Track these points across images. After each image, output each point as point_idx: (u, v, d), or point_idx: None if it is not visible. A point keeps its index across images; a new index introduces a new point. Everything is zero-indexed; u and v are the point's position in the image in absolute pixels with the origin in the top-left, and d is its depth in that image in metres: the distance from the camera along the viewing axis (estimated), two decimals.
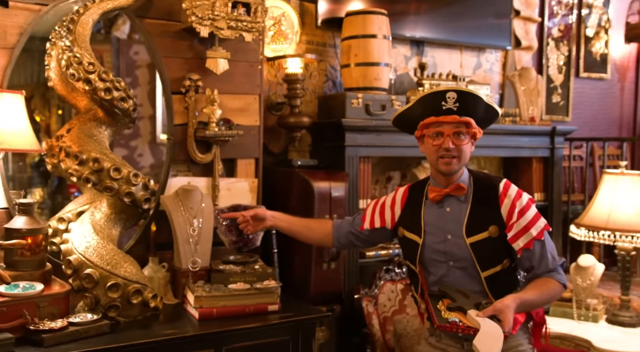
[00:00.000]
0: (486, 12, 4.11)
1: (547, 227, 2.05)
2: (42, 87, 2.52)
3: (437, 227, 2.11)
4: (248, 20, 2.73)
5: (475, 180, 2.12)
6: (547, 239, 2.06)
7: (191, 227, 2.61)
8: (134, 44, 2.80)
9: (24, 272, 2.18)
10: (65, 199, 2.70)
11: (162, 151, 2.84)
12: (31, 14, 2.44)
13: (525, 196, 2.06)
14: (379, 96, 3.32)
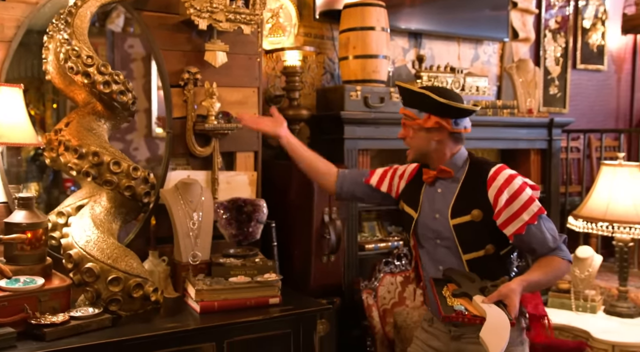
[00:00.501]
0: (483, 3, 4.11)
1: (541, 210, 2.02)
2: (36, 80, 2.50)
3: (429, 205, 2.17)
4: (247, 13, 2.72)
5: (471, 163, 2.15)
6: (544, 221, 2.04)
7: (191, 220, 2.61)
8: (128, 37, 2.78)
9: (25, 267, 2.17)
10: (61, 193, 2.69)
11: (157, 145, 2.83)
12: (28, 7, 2.42)
13: (518, 180, 2.04)
14: (377, 88, 3.31)
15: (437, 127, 2.09)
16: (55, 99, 2.66)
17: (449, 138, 2.12)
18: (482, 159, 2.22)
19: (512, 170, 2.09)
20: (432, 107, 2.07)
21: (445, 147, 2.12)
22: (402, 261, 3.33)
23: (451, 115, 2.08)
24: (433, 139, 2.11)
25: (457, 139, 2.14)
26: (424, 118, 2.09)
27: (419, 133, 2.12)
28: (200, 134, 2.82)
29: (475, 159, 2.19)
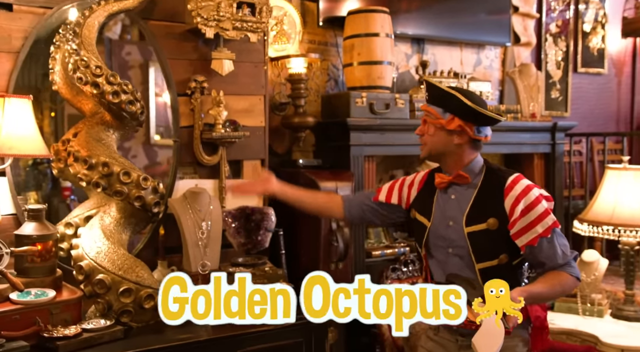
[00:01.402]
0: (485, 8, 4.12)
1: (555, 224, 2.01)
2: (33, 89, 2.46)
3: (443, 212, 2.13)
4: (253, 21, 2.72)
5: (487, 171, 2.11)
6: (557, 235, 2.02)
7: (200, 230, 2.60)
8: (126, 45, 2.78)
9: (35, 279, 2.16)
10: (60, 202, 2.67)
11: (156, 152, 2.83)
12: (36, 18, 2.41)
13: (535, 192, 2.02)
14: (382, 95, 3.31)
15: (459, 130, 2.03)
16: (53, 107, 2.64)
17: (468, 144, 2.06)
18: (498, 167, 2.17)
19: (529, 181, 2.06)
20: (459, 109, 2.01)
21: (463, 152, 2.07)
22: (409, 268, 3.32)
23: (475, 122, 2.04)
24: (452, 142, 2.05)
25: (475, 146, 2.09)
26: (448, 119, 2.03)
27: (440, 132, 2.05)
28: (207, 143, 2.81)
29: (492, 166, 2.15)
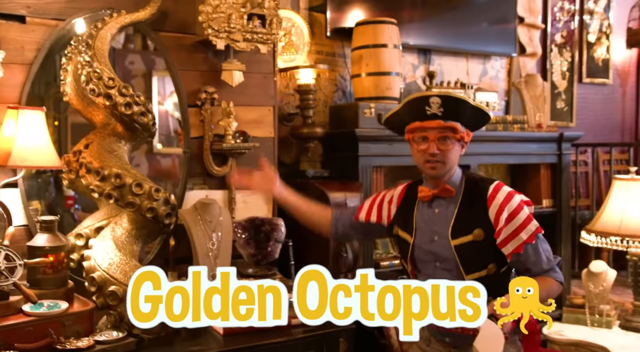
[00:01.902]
0: (491, 19, 4.14)
1: (538, 230, 1.99)
2: (36, 98, 2.46)
3: (426, 227, 2.09)
4: (263, 32, 2.73)
5: (467, 181, 2.08)
6: (541, 241, 2.01)
7: (210, 241, 2.60)
8: (129, 54, 2.79)
9: (48, 291, 2.15)
10: (64, 212, 2.67)
11: (158, 161, 2.83)
12: (48, 30, 2.42)
13: (517, 198, 2.01)
14: (391, 105, 3.32)
15: (467, 140, 2.06)
16: (57, 116, 2.65)
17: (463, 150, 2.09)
18: (476, 176, 2.15)
19: (509, 188, 2.04)
20: (473, 121, 2.03)
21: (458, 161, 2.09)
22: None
23: (476, 128, 2.07)
24: (459, 153, 2.06)
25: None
26: (466, 131, 2.04)
27: (455, 148, 2.03)
28: (217, 154, 2.82)
29: (469, 175, 2.12)
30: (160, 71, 2.79)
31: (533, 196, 4.11)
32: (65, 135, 2.68)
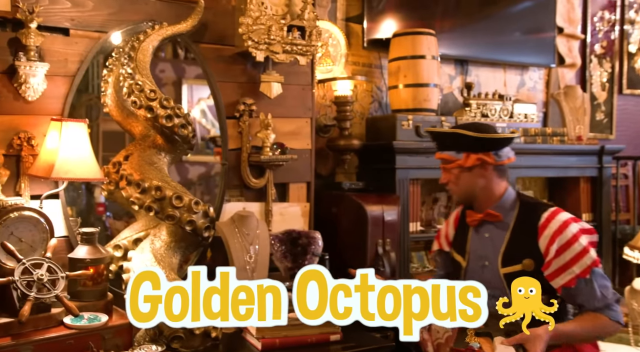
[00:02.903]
0: (529, 29, 4.06)
1: (595, 263, 1.89)
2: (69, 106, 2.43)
3: (477, 251, 2.06)
4: (303, 44, 2.71)
5: (521, 206, 2.03)
6: (597, 276, 1.90)
7: (247, 254, 2.58)
8: (160, 62, 2.79)
9: (88, 303, 2.15)
10: (96, 220, 2.67)
11: (187, 169, 2.83)
12: (91, 42, 2.44)
13: (573, 228, 1.91)
14: (429, 117, 3.27)
15: (479, 163, 2.00)
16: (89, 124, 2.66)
17: (494, 173, 2.03)
18: (533, 201, 2.09)
19: (567, 215, 1.95)
20: (469, 144, 1.99)
21: (491, 184, 2.03)
22: None
23: (490, 148, 2.00)
24: (477, 178, 2.02)
25: (501, 173, 2.04)
26: (463, 158, 2.01)
27: (462, 175, 2.02)
28: (254, 166, 2.80)
29: (526, 200, 2.07)
30: (189, 79, 2.80)
31: (572, 210, 3.97)
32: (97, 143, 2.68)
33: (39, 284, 1.97)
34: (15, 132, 2.27)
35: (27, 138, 2.27)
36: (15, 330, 1.92)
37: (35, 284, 1.96)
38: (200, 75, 2.72)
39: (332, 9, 3.39)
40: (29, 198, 2.28)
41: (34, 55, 2.24)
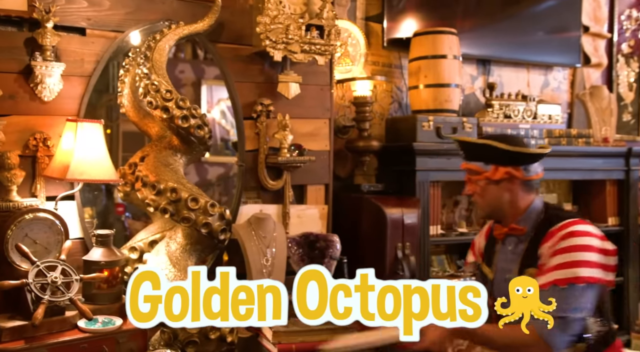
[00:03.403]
0: (554, 28, 3.96)
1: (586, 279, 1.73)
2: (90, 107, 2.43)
3: (502, 264, 2.01)
4: (321, 43, 2.66)
5: (544, 219, 1.92)
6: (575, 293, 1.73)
7: (264, 257, 2.53)
8: (179, 63, 2.79)
9: (102, 306, 2.13)
10: (114, 219, 2.67)
11: (206, 170, 2.83)
12: (107, 42, 2.41)
13: (584, 240, 1.77)
14: (450, 118, 3.20)
15: (507, 177, 1.92)
16: (109, 124, 2.65)
17: (521, 187, 1.94)
18: (555, 213, 1.94)
19: (589, 228, 1.82)
20: (499, 157, 1.91)
21: (517, 198, 1.94)
22: None
23: (520, 163, 1.92)
24: (504, 192, 1.94)
25: (529, 188, 1.95)
26: (492, 170, 1.93)
27: (489, 187, 1.95)
28: (272, 167, 2.76)
29: (553, 211, 1.95)
30: (209, 80, 2.77)
31: (598, 214, 3.91)
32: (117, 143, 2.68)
33: (53, 286, 1.95)
34: (31, 132, 2.25)
35: (43, 139, 2.26)
36: (29, 333, 1.90)
37: (49, 286, 1.94)
38: (220, 76, 2.69)
39: (351, 8, 3.34)
40: (44, 199, 2.26)
41: (50, 55, 2.23)
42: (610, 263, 1.80)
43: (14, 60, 2.22)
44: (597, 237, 1.81)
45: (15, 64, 2.23)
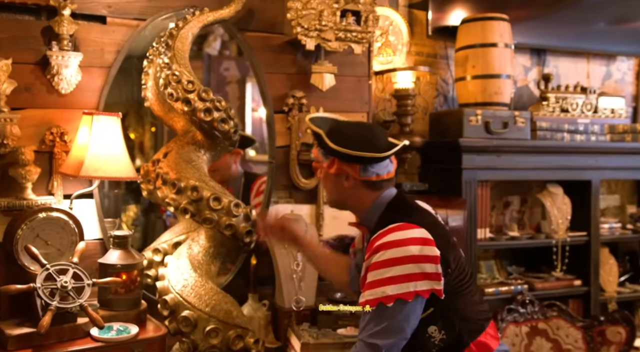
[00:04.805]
0: (616, 15, 3.62)
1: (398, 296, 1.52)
2: (136, 103, 2.35)
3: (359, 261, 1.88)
4: (358, 31, 2.46)
5: (379, 218, 1.69)
6: (386, 313, 1.54)
7: (295, 261, 2.35)
8: (224, 60, 2.71)
9: (119, 312, 1.99)
10: (157, 218, 2.58)
11: (250, 168, 2.75)
12: (129, 30, 2.28)
13: (400, 251, 1.54)
14: (499, 112, 2.93)
15: (342, 173, 1.69)
16: (154, 122, 2.57)
17: (363, 185, 1.69)
18: (392, 211, 1.68)
19: (409, 233, 1.56)
20: (331, 150, 1.68)
21: (358, 194, 1.71)
22: (528, 308, 2.91)
23: (355, 161, 1.66)
24: (343, 186, 1.70)
25: (374, 186, 1.70)
26: (329, 162, 1.71)
27: (329, 178, 1.73)
28: (304, 165, 2.57)
29: (390, 209, 1.69)
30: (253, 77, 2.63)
31: None
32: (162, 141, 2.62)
33: (63, 292, 1.81)
34: (47, 127, 2.13)
35: (60, 133, 2.14)
36: (37, 341, 1.78)
37: (58, 292, 1.81)
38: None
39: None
40: (61, 198, 2.14)
41: (67, 45, 2.10)
42: (434, 270, 1.55)
43: (30, 50, 2.11)
44: (416, 244, 1.55)
45: (32, 55, 2.11)
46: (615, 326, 2.93)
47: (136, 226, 2.59)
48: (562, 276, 3.17)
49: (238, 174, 2.68)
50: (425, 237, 1.58)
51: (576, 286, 3.17)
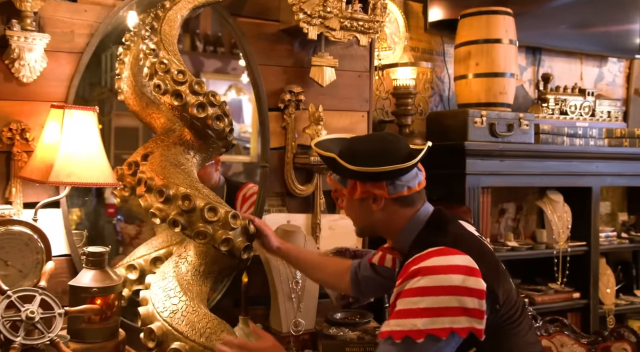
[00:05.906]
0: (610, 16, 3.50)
1: (429, 332, 1.28)
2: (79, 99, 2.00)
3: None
4: (365, 19, 2.20)
5: (416, 238, 1.50)
6: (409, 350, 1.30)
7: (294, 279, 2.07)
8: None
9: (93, 344, 1.66)
10: (106, 222, 2.27)
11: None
12: (104, 10, 1.95)
13: (441, 279, 1.31)
14: (504, 114, 2.74)
15: (368, 196, 1.49)
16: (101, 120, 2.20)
17: (392, 204, 1.49)
18: (431, 232, 1.48)
19: (452, 259, 1.33)
20: (351, 173, 1.48)
21: (393, 216, 1.50)
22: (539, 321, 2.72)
23: (381, 178, 1.46)
24: (372, 210, 1.50)
25: (407, 202, 1.50)
26: (350, 187, 1.51)
27: (353, 205, 1.54)
28: (300, 169, 2.30)
29: (428, 230, 1.49)
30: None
31: None
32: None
33: (28, 324, 1.48)
34: (5, 122, 1.80)
35: (21, 130, 1.80)
36: None
37: (23, 324, 1.47)
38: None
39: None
40: (21, 207, 1.80)
41: (30, 24, 1.77)
42: (476, 306, 1.30)
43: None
44: (459, 273, 1.32)
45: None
46: (620, 342, 2.77)
47: (81, 231, 2.25)
48: (560, 289, 3.01)
49: (220, 183, 2.39)
50: (470, 266, 1.32)
51: (575, 298, 3.01)
